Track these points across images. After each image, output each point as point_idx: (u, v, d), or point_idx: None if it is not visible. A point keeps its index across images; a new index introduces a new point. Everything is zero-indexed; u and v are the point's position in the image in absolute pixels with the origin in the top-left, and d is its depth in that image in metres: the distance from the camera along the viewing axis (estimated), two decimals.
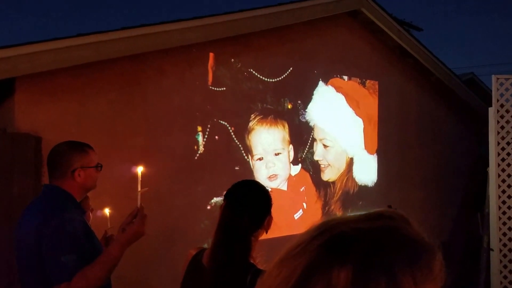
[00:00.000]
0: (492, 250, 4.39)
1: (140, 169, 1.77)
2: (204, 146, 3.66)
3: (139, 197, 1.74)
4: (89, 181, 1.83)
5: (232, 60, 3.83)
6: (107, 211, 2.14)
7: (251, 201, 1.49)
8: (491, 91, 4.59)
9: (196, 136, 3.63)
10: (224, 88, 3.77)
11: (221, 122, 3.75)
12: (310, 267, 0.52)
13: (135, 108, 3.30)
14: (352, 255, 0.51)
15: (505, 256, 4.36)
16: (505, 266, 4.36)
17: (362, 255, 0.51)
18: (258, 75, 4.00)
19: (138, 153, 3.21)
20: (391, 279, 0.50)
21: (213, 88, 3.71)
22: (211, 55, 3.69)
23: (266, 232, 1.53)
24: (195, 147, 3.63)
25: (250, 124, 3.95)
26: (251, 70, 3.95)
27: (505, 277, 4.36)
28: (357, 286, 0.49)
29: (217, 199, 3.68)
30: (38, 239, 1.62)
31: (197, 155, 3.63)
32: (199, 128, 3.64)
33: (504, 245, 4.37)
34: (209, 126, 3.68)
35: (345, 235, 0.54)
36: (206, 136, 3.67)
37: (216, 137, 3.73)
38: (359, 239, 0.53)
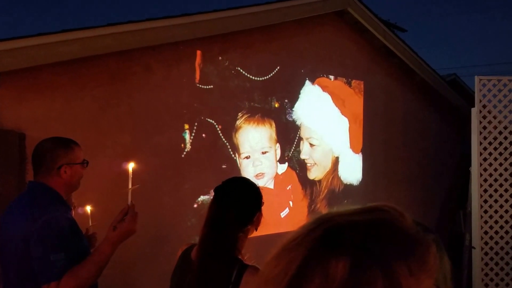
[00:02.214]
0: (474, 248, 4.47)
1: (131, 166, 1.73)
2: (191, 144, 3.64)
3: (130, 194, 1.71)
4: (75, 178, 1.80)
5: (220, 58, 3.82)
6: (88, 208, 2.10)
7: (239, 196, 1.50)
8: (472, 91, 4.68)
9: (183, 134, 3.61)
10: (212, 86, 3.76)
11: (208, 120, 3.74)
12: (307, 259, 0.53)
13: (121, 105, 3.26)
14: (349, 247, 0.52)
15: (486, 254, 4.44)
16: (486, 264, 4.45)
17: (358, 246, 0.52)
18: (246, 74, 4.00)
19: (124, 151, 3.18)
20: (387, 269, 0.51)
21: (200, 86, 3.69)
22: (199, 52, 3.67)
23: (256, 230, 1.54)
24: (182, 145, 3.61)
25: (237, 122, 3.95)
26: (239, 68, 3.94)
27: (486, 274, 4.44)
28: (355, 277, 0.50)
29: (204, 198, 3.67)
30: (25, 237, 1.58)
31: (184, 153, 3.61)
32: (186, 126, 3.62)
33: (486, 243, 4.45)
34: (196, 124, 3.66)
35: (341, 227, 0.55)
36: (193, 134, 3.65)
37: (203, 135, 3.71)
38: (355, 231, 0.54)
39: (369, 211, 0.59)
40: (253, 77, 4.06)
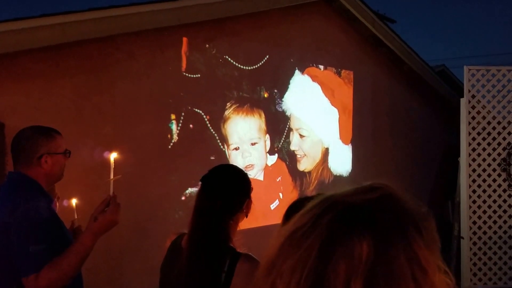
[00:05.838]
0: (463, 238, 4.48)
1: (113, 156, 1.68)
2: (178, 134, 3.53)
3: (111, 185, 1.66)
4: (56, 168, 1.73)
5: (207, 45, 3.71)
6: (73, 201, 2.03)
7: (226, 184, 1.49)
8: (461, 82, 4.67)
9: (170, 125, 3.50)
10: (199, 75, 3.65)
11: (196, 110, 3.63)
12: (327, 243, 0.52)
13: (103, 93, 3.14)
14: (367, 226, 0.53)
15: (474, 243, 4.47)
16: (474, 254, 4.47)
17: (376, 224, 0.53)
18: (234, 62, 3.89)
19: (106, 141, 3.06)
20: (406, 244, 0.52)
21: (187, 74, 3.58)
22: (185, 39, 3.55)
23: (246, 216, 1.53)
24: (169, 135, 3.50)
25: (226, 112, 3.85)
26: (227, 56, 3.84)
27: (474, 264, 4.47)
28: (380, 254, 0.51)
29: (192, 190, 3.57)
30: (4, 229, 1.52)
31: (171, 144, 3.50)
32: (173, 116, 3.51)
33: (474, 233, 4.47)
34: (183, 114, 3.55)
35: (353, 208, 0.55)
36: (180, 125, 3.54)
37: (191, 125, 3.61)
38: (368, 210, 0.55)
39: (369, 190, 0.59)
40: (242, 66, 3.96)
